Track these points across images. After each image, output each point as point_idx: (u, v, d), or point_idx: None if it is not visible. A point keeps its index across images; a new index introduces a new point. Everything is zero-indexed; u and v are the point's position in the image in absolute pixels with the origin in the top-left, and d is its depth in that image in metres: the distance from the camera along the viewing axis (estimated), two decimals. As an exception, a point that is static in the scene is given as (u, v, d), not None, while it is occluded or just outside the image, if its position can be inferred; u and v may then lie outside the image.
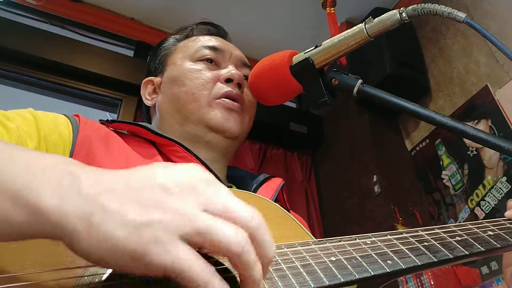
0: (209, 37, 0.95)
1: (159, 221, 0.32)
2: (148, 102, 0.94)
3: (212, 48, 0.91)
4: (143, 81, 0.97)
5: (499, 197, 1.89)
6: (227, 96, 0.85)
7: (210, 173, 0.38)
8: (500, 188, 1.90)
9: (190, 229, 0.32)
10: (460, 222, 0.66)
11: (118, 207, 0.32)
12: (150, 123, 0.96)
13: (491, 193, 1.93)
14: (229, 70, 0.88)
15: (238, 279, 0.35)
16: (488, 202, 1.94)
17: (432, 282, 1.77)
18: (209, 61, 0.90)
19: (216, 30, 0.99)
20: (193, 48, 0.92)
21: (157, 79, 0.94)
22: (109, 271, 0.39)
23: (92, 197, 0.33)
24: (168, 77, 0.91)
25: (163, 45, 0.99)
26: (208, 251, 0.34)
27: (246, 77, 0.91)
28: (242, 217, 0.35)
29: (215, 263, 0.35)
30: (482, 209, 1.96)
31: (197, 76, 0.86)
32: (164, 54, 0.96)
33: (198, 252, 0.33)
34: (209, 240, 0.33)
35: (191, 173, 0.36)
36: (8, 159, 0.35)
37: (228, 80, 0.86)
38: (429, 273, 1.79)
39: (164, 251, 0.31)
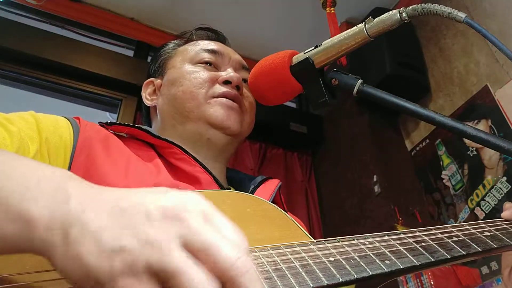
0: (208, 42, 0.96)
1: (129, 250, 0.30)
2: (148, 102, 0.95)
3: (212, 51, 0.92)
4: (144, 82, 0.98)
5: (499, 197, 1.89)
6: (224, 96, 0.85)
7: (210, 204, 0.35)
8: (500, 188, 1.90)
9: (157, 266, 0.30)
10: (460, 222, 0.67)
11: (97, 227, 0.31)
12: (150, 126, 0.97)
13: (491, 193, 1.93)
14: (228, 72, 0.88)
15: None
16: (488, 202, 1.94)
17: (432, 282, 1.77)
18: (209, 64, 0.91)
19: (215, 35, 1.00)
20: (192, 52, 0.93)
21: (157, 81, 0.95)
22: None
23: (76, 213, 0.32)
24: (167, 80, 0.92)
25: (163, 49, 1.00)
26: None
27: (245, 80, 0.92)
28: (223, 260, 0.31)
29: None
30: (482, 209, 1.96)
31: (195, 76, 0.87)
32: (164, 58, 0.97)
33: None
34: (173, 283, 0.30)
35: (184, 202, 0.34)
36: (4, 169, 0.35)
37: (226, 82, 0.87)
38: (429, 273, 1.79)
39: (127, 283, 0.29)
